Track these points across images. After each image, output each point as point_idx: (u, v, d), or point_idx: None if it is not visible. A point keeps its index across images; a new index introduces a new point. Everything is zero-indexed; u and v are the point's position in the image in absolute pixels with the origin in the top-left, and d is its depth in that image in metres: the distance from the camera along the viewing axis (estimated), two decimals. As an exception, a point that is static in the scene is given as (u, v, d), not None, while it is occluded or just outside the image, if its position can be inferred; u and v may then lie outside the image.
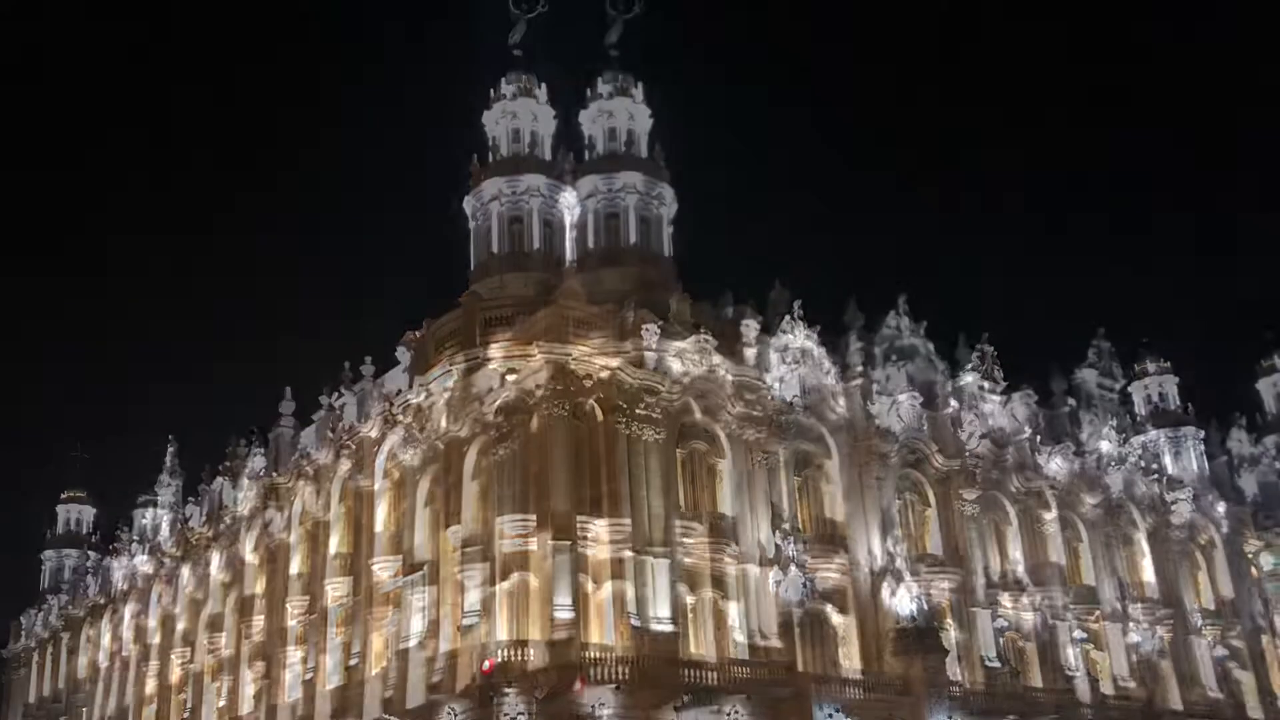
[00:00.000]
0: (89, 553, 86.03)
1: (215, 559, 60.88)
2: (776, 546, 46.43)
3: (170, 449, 72.10)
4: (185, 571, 63.94)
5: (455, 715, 39.80)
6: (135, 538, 72.89)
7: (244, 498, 58.35)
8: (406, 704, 41.20)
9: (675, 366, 47.06)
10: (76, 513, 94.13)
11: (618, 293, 45.70)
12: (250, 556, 57.53)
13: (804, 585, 45.61)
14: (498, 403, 44.06)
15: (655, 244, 49.13)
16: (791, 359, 50.89)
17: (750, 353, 46.44)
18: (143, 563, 69.05)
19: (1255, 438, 66.31)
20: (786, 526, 47.16)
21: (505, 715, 37.96)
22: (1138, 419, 69.45)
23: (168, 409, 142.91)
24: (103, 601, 74.38)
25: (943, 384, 51.78)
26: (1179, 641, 58.13)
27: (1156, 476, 62.96)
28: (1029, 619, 54.97)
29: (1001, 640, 53.13)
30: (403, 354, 48.78)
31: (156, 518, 70.03)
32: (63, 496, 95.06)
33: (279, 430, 57.29)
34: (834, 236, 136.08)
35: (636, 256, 47.90)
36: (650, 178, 49.61)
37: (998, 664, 51.77)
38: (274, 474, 55.90)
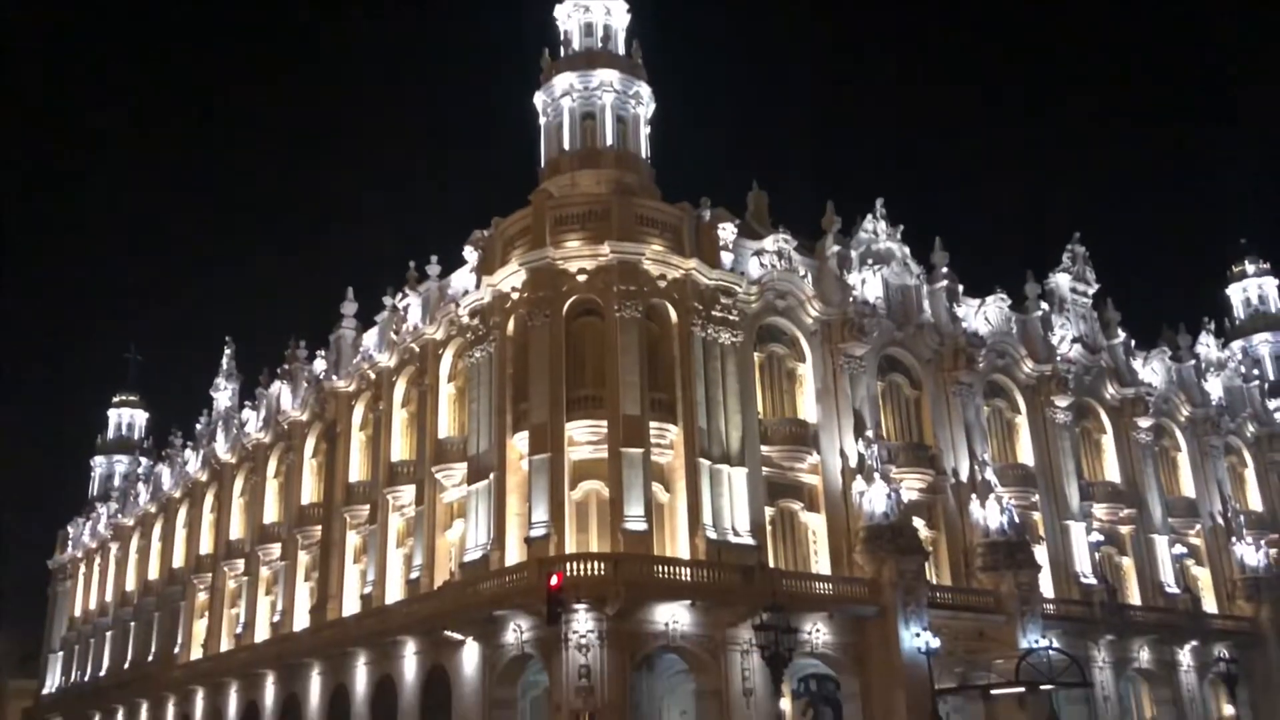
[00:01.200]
0: (141, 459, 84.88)
1: (271, 466, 59.40)
2: (860, 456, 44.22)
3: (227, 351, 70.21)
4: (240, 479, 62.60)
5: (521, 632, 38.10)
6: (188, 443, 71.48)
7: (303, 402, 56.60)
8: (469, 619, 39.35)
9: (753, 267, 45.44)
10: (129, 417, 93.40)
11: (594, 196, 43.97)
12: (308, 463, 56.06)
13: (889, 497, 43.16)
14: (566, 305, 41.92)
15: (633, 145, 46.97)
16: (873, 260, 48.78)
17: (727, 256, 44.40)
18: (196, 469, 67.73)
19: (1222, 343, 65.60)
20: (870, 435, 44.78)
21: (574, 632, 36.29)
22: (1236, 322, 66.27)
23: (226, 310, 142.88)
24: (154, 510, 73.36)
25: (917, 288, 49.69)
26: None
27: (1259, 383, 59.96)
28: (1125, 533, 52.77)
29: (1097, 555, 50.94)
30: (470, 254, 46.53)
31: (212, 422, 68.42)
32: (115, 400, 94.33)
33: (340, 332, 55.35)
34: (811, 140, 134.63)
35: (613, 158, 45.75)
36: (628, 76, 47.30)
37: (1093, 580, 49.59)
38: (334, 378, 54.04)
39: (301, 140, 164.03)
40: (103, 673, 74.88)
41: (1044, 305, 55.03)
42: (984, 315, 52.06)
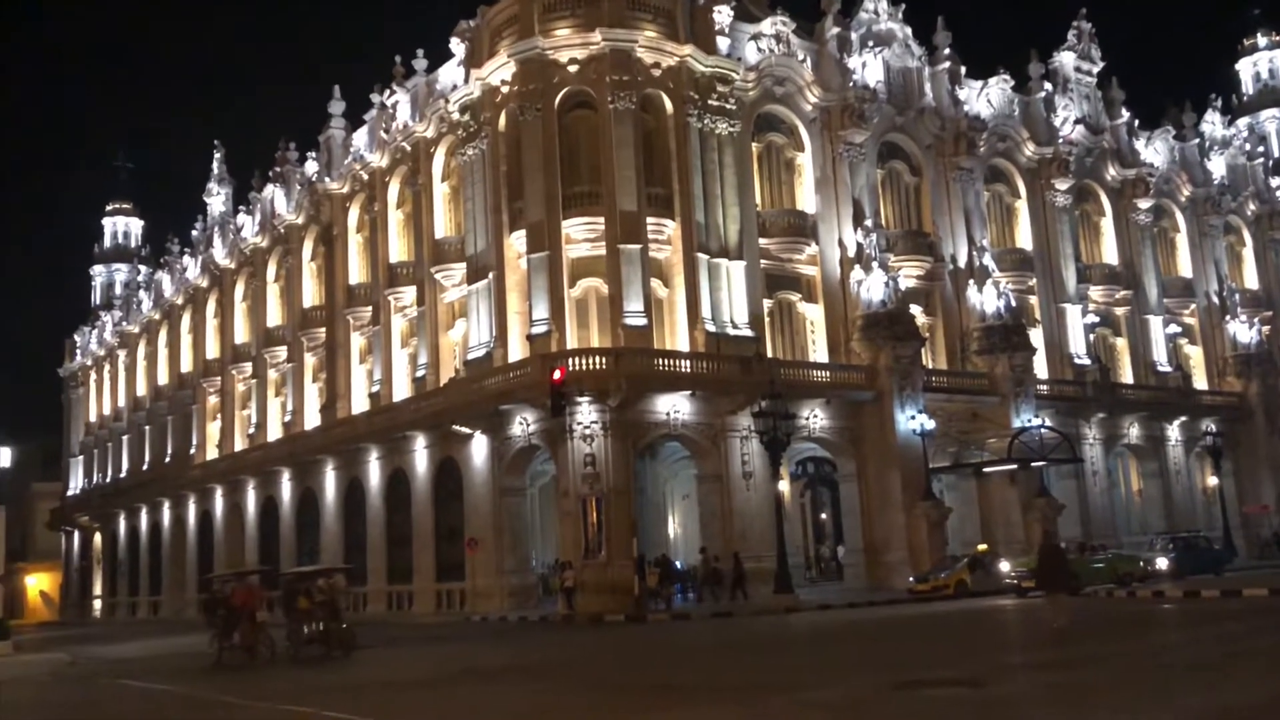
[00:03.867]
0: (140, 267, 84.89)
1: (271, 270, 59.51)
2: (859, 246, 44.17)
3: (217, 155, 69.15)
4: (240, 284, 62.85)
5: (527, 424, 39.06)
6: (186, 250, 71.39)
7: (297, 205, 56.16)
8: (476, 414, 40.28)
9: (750, 52, 44.13)
10: (124, 225, 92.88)
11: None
12: (307, 266, 56.11)
13: (887, 285, 43.39)
14: (558, 98, 40.94)
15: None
16: (874, 42, 47.34)
17: (723, 42, 43.01)
18: (196, 276, 67.92)
19: (1229, 120, 64.16)
20: (869, 224, 44.59)
21: (578, 423, 37.12)
22: (1244, 98, 64.89)
23: (213, 112, 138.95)
24: (157, 317, 73.96)
25: (919, 70, 48.30)
26: None
27: (1263, 160, 59.20)
28: (1120, 314, 53.35)
29: (1091, 337, 51.66)
30: (457, 46, 45.02)
31: (208, 228, 68.12)
32: (108, 209, 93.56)
33: (329, 133, 54.32)
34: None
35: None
36: None
37: (1087, 361, 50.46)
38: (327, 180, 53.38)
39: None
40: (122, 474, 77.22)
41: (1047, 86, 53.76)
42: (986, 97, 51.00)
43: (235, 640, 26.03)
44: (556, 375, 34.23)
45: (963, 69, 50.59)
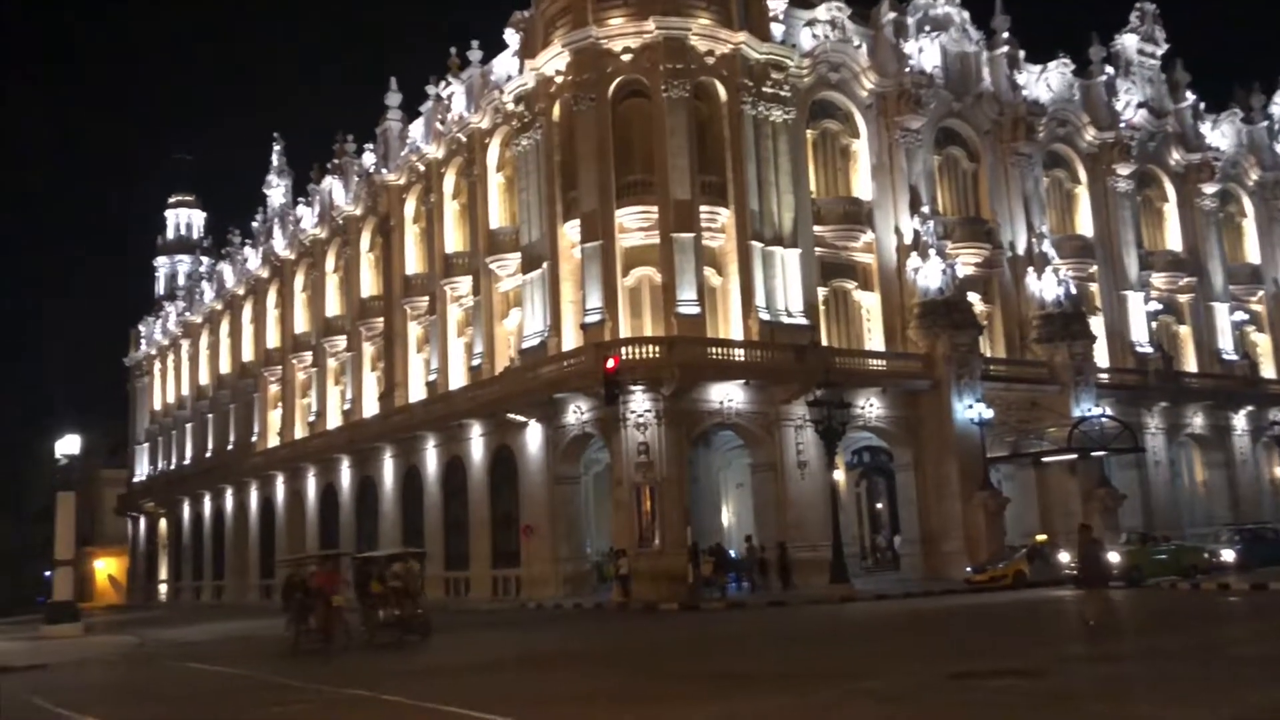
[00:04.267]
0: (202, 258, 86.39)
1: (330, 261, 60.32)
2: (915, 233, 43.75)
3: (276, 147, 70.14)
4: (300, 275, 63.77)
5: (581, 412, 39.24)
6: (247, 241, 72.56)
7: (355, 197, 56.85)
8: (531, 402, 40.55)
9: (805, 38, 43.89)
10: (186, 217, 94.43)
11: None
12: (365, 257, 56.80)
13: (944, 273, 42.94)
14: (612, 87, 41.00)
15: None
16: (931, 26, 46.86)
17: (777, 28, 42.84)
18: (257, 266, 69.02)
19: None
20: (926, 210, 44.13)
21: (632, 412, 37.20)
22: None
23: (271, 105, 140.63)
24: (219, 307, 75.26)
25: (977, 55, 47.51)
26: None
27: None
28: (1184, 301, 52.26)
29: (1154, 325, 50.73)
30: (511, 37, 45.27)
31: (268, 219, 69.18)
32: (171, 201, 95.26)
33: (386, 124, 54.91)
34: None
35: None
36: None
37: (1149, 350, 49.59)
38: (384, 171, 53.97)
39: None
40: (186, 461, 78.80)
41: (1109, 69, 52.77)
42: (1045, 82, 50.17)
43: (311, 624, 25.80)
44: (610, 364, 34.36)
45: (1021, 53, 49.81)
